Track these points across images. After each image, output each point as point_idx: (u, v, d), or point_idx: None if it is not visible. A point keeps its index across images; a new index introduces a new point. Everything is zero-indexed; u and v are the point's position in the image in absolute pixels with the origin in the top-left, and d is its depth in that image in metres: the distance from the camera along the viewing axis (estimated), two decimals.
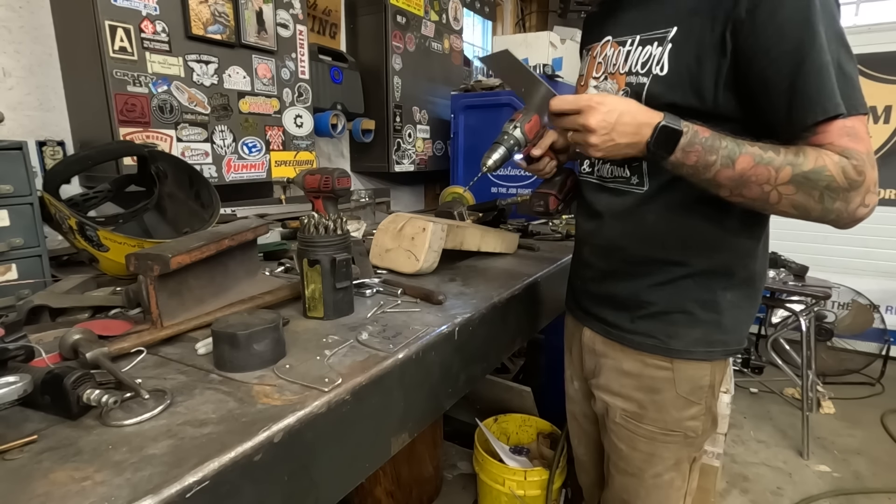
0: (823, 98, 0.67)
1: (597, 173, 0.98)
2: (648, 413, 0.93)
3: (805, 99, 0.68)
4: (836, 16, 0.69)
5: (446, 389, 0.91)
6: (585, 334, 1.04)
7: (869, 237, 3.45)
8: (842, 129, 0.67)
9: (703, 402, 0.92)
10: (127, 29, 1.41)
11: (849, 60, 0.68)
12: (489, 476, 1.68)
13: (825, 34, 0.66)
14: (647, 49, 0.81)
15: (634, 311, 0.92)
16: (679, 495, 0.99)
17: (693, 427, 0.93)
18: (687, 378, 0.90)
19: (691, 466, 0.98)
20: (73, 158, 1.19)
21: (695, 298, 0.87)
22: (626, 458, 0.98)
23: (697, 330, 0.88)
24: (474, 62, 3.77)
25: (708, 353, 0.89)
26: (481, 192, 2.45)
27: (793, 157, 0.69)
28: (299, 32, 1.95)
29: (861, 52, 3.30)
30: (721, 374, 0.93)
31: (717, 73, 0.74)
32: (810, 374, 2.62)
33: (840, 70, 0.67)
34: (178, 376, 0.68)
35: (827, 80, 0.66)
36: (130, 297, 0.92)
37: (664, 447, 0.94)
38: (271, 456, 0.55)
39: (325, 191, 1.22)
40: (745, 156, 0.70)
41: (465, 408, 2.19)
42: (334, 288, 0.89)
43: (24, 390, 0.56)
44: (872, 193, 0.68)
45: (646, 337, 0.91)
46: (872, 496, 2.11)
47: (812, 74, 0.67)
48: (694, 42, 0.76)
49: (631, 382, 0.94)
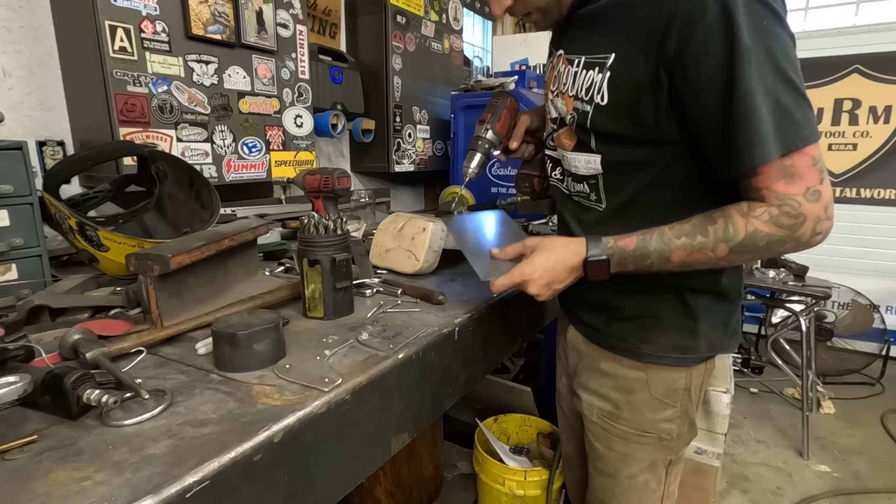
0: (752, 145, 0.65)
1: (564, 184, 0.97)
2: (623, 413, 0.93)
3: (736, 146, 0.67)
4: (773, 42, 0.64)
5: (446, 389, 0.91)
6: (570, 332, 1.05)
7: (869, 237, 3.45)
8: (779, 171, 0.66)
9: (679, 405, 0.91)
10: (127, 29, 1.41)
11: (788, 91, 0.65)
12: (489, 476, 1.68)
13: (755, 73, 0.63)
14: (590, 74, 0.79)
15: (609, 313, 0.92)
16: (655, 497, 0.98)
17: (668, 429, 0.92)
18: (661, 380, 0.89)
19: (668, 469, 0.97)
20: (73, 158, 1.19)
21: (666, 305, 0.87)
22: (602, 457, 0.99)
23: (669, 335, 0.87)
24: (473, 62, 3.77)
25: (679, 360, 0.88)
26: (481, 192, 2.45)
27: (722, 234, 0.70)
28: (299, 32, 1.95)
29: (861, 52, 3.31)
30: (700, 377, 0.92)
31: (655, 107, 0.73)
32: (810, 374, 2.62)
33: (777, 106, 0.64)
34: (178, 376, 0.68)
35: (755, 126, 0.64)
36: (130, 297, 0.92)
37: (638, 448, 0.94)
38: (271, 456, 0.55)
39: (325, 191, 1.22)
40: (677, 251, 0.73)
41: (465, 408, 2.19)
42: (334, 288, 0.89)
43: (24, 390, 0.56)
44: (823, 220, 0.68)
45: (619, 340, 0.91)
46: (872, 496, 2.11)
47: (739, 121, 0.65)
48: (631, 74, 0.74)
49: (607, 382, 0.94)
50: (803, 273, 2.71)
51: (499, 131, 1.11)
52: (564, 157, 0.92)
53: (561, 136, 0.91)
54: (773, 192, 0.68)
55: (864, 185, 3.46)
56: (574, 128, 0.86)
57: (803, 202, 0.67)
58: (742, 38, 0.63)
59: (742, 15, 0.63)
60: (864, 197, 3.46)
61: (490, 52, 4.70)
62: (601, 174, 0.85)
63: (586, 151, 0.85)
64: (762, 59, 0.64)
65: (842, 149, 3.50)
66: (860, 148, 3.45)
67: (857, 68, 3.35)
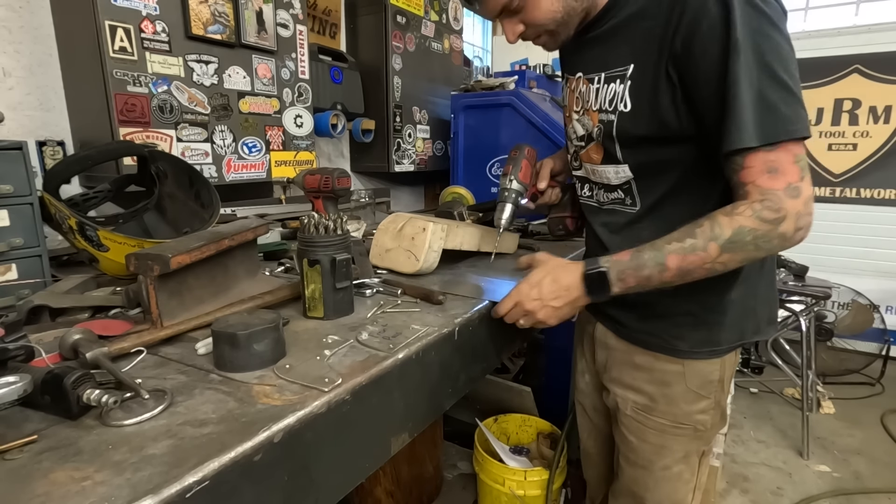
0: (731, 131, 0.71)
1: (595, 198, 1.01)
2: (659, 406, 0.95)
3: (721, 131, 0.72)
4: (763, 41, 0.69)
5: (446, 389, 0.91)
6: (598, 329, 1.06)
7: (869, 237, 3.45)
8: (763, 165, 0.71)
9: (713, 397, 0.94)
10: (127, 29, 1.41)
11: (774, 86, 0.70)
12: (489, 476, 1.68)
13: (742, 67, 0.69)
14: (612, 87, 0.85)
15: (641, 310, 0.94)
16: (688, 488, 1.01)
17: (702, 420, 0.95)
18: (697, 372, 0.92)
19: (700, 460, 1.00)
20: (73, 158, 1.19)
21: (698, 301, 0.89)
22: (636, 450, 1.00)
23: (702, 332, 0.91)
24: (473, 62, 3.77)
25: (712, 353, 0.92)
26: (481, 192, 2.44)
27: (710, 232, 0.74)
28: (299, 32, 1.95)
29: (861, 52, 3.31)
30: (732, 368, 0.96)
31: (673, 102, 0.78)
32: (810, 374, 2.62)
33: (759, 98, 0.69)
34: (178, 376, 0.68)
35: (736, 113, 0.70)
36: (130, 297, 0.92)
37: (674, 440, 0.96)
38: (271, 456, 0.55)
39: (325, 191, 1.22)
40: (671, 255, 0.76)
41: (465, 408, 2.19)
42: (334, 288, 0.89)
43: (24, 390, 0.55)
44: (804, 215, 0.72)
45: (652, 336, 0.94)
46: (872, 496, 2.11)
47: (725, 108, 0.71)
48: (649, 77, 0.80)
49: (642, 375, 0.96)
50: (803, 273, 2.71)
51: (522, 180, 1.16)
52: (594, 171, 0.96)
53: (589, 152, 0.96)
54: (756, 188, 0.72)
55: (864, 185, 3.46)
56: (601, 139, 0.90)
57: (784, 197, 0.71)
58: (734, 35, 0.69)
59: (738, 15, 0.69)
60: (864, 197, 3.46)
61: (490, 52, 4.70)
62: (633, 179, 0.89)
63: (614, 163, 0.90)
64: (749, 56, 0.69)
65: (842, 149, 3.49)
66: (860, 148, 3.44)
67: (857, 68, 3.35)
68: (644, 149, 0.85)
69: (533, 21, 0.87)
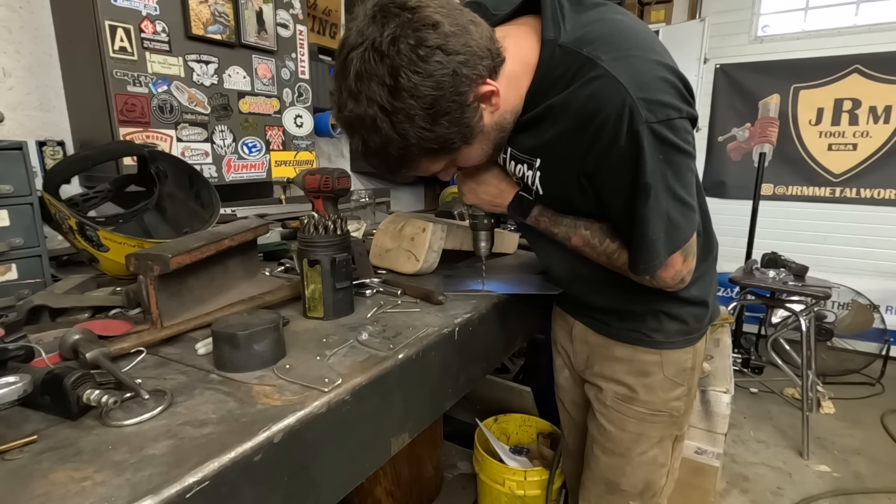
0: (644, 260, 0.79)
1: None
2: (639, 395, 1.00)
3: (633, 256, 0.81)
4: (668, 170, 0.73)
5: (446, 389, 0.91)
6: (577, 327, 1.10)
7: (869, 237, 3.46)
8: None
9: (686, 384, 1.01)
10: (127, 29, 1.41)
11: (677, 206, 0.75)
12: (489, 476, 1.68)
13: (655, 206, 0.74)
14: (521, 167, 0.89)
15: (617, 314, 1.00)
16: (662, 472, 1.05)
17: (677, 407, 1.01)
18: (673, 361, 0.99)
19: (674, 445, 1.05)
20: (73, 158, 1.19)
21: (664, 301, 0.95)
22: (614, 439, 1.04)
23: (675, 324, 0.98)
24: None
25: (686, 341, 0.99)
26: None
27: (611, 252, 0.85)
28: (299, 32, 1.95)
29: (861, 52, 3.32)
30: (701, 356, 1.04)
31: (584, 199, 0.84)
32: (810, 374, 2.62)
33: (668, 223, 0.76)
34: (178, 376, 0.68)
35: (647, 247, 0.77)
36: (130, 297, 0.92)
37: (651, 427, 1.01)
38: (271, 456, 0.55)
39: (325, 191, 1.22)
40: (576, 237, 0.89)
41: (465, 408, 2.19)
42: (334, 288, 0.89)
43: (24, 390, 0.55)
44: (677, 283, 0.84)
45: (631, 332, 0.99)
46: (872, 496, 2.11)
47: (634, 241, 0.79)
48: (558, 176, 0.84)
49: (622, 367, 1.01)
50: (803, 273, 2.71)
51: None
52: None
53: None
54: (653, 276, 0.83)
55: (864, 185, 3.46)
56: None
57: (667, 280, 0.83)
58: (643, 178, 0.72)
59: (647, 154, 0.71)
60: (864, 197, 3.46)
61: None
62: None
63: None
64: (658, 192, 0.73)
65: (842, 149, 3.50)
66: (860, 148, 3.45)
67: (857, 68, 3.36)
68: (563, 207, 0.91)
69: (467, 165, 0.89)
